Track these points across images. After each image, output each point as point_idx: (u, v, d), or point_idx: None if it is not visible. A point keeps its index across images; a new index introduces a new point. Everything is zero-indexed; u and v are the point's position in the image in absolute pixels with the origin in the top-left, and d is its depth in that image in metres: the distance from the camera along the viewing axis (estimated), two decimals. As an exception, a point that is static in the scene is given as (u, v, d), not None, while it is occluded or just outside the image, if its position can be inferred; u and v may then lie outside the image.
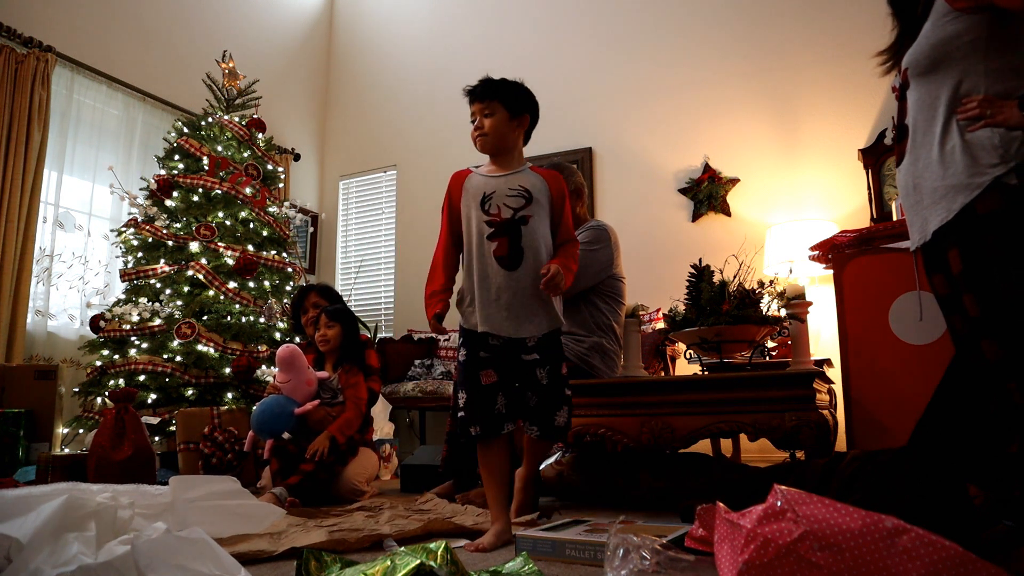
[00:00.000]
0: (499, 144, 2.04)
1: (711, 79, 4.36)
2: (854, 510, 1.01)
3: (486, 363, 1.89)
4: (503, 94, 2.05)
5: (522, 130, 2.08)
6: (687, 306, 2.42)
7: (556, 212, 2.01)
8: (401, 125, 5.43)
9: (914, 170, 1.62)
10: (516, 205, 1.96)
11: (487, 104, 2.05)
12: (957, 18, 1.55)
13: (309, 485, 2.53)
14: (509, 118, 2.04)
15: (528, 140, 2.13)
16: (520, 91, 2.08)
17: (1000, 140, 1.47)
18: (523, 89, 2.09)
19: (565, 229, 2.02)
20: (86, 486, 1.28)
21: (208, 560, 1.02)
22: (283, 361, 2.64)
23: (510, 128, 2.04)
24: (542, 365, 1.91)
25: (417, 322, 4.95)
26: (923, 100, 1.61)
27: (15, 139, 3.49)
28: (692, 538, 1.39)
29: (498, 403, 1.87)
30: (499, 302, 1.89)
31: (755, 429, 2.14)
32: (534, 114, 2.11)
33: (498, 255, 1.91)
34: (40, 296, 3.63)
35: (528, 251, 1.91)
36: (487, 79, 2.08)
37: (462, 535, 1.84)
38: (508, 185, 1.99)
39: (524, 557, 1.28)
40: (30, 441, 3.06)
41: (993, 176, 1.46)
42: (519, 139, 2.08)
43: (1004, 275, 1.45)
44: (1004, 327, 1.46)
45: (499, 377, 1.89)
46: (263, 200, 3.88)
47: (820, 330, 3.63)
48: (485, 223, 1.94)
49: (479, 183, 2.03)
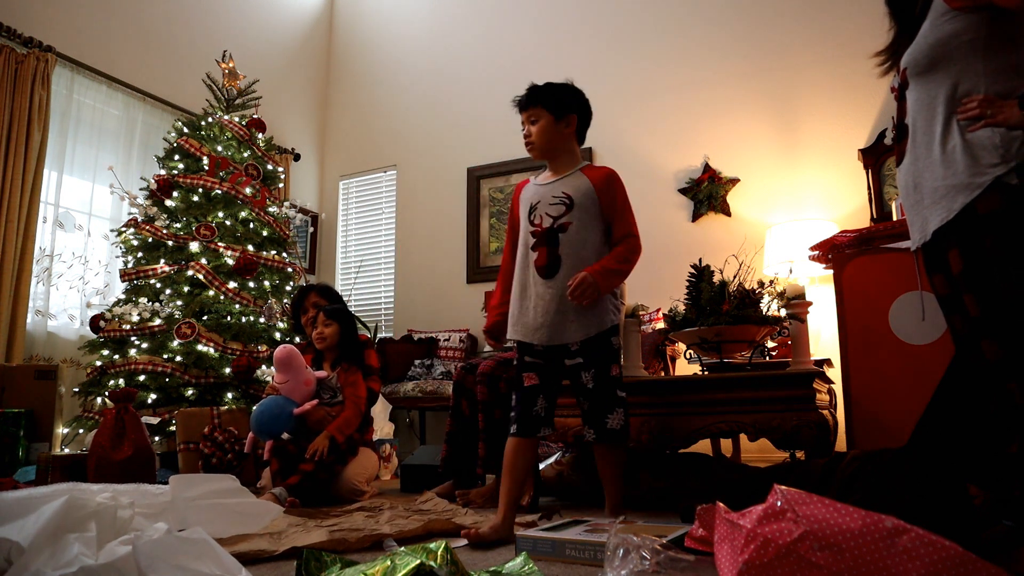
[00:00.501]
0: (548, 149, 2.03)
1: (711, 79, 4.36)
2: (854, 510, 1.01)
3: (529, 367, 1.96)
4: (545, 98, 2.04)
5: (571, 130, 2.05)
6: (687, 306, 2.42)
7: (608, 210, 1.98)
8: (401, 125, 5.43)
9: (914, 170, 1.62)
10: (556, 213, 1.97)
11: (531, 111, 2.05)
12: (955, 17, 1.54)
13: (309, 485, 2.53)
14: (555, 121, 2.02)
15: (583, 139, 2.11)
16: (563, 91, 2.06)
17: (1001, 140, 1.47)
18: (566, 89, 2.07)
19: (619, 225, 1.98)
20: (86, 486, 1.28)
21: (209, 560, 1.02)
22: (280, 362, 2.64)
23: (557, 131, 2.02)
24: (587, 368, 1.93)
25: (417, 322, 4.95)
26: (923, 100, 1.61)
27: (15, 139, 3.49)
28: (692, 538, 1.39)
29: (537, 405, 1.93)
30: (536, 311, 1.94)
31: (755, 429, 2.14)
32: (581, 112, 2.08)
33: (538, 265, 1.95)
34: (40, 296, 3.63)
35: (566, 259, 1.92)
36: (531, 86, 2.07)
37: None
38: (552, 193, 1.99)
39: (524, 557, 1.28)
40: (30, 441, 3.06)
41: (994, 176, 1.45)
42: (569, 140, 2.05)
43: (1004, 275, 1.45)
44: (1004, 327, 1.46)
45: (540, 381, 1.95)
46: (263, 200, 3.88)
47: (820, 330, 3.63)
48: (530, 234, 1.99)
49: (530, 194, 2.06)
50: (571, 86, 2.09)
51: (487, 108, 5.06)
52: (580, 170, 2.02)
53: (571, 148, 2.05)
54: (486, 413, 2.45)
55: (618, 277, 1.93)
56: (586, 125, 2.10)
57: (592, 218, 1.96)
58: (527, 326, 1.95)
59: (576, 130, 2.06)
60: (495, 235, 4.88)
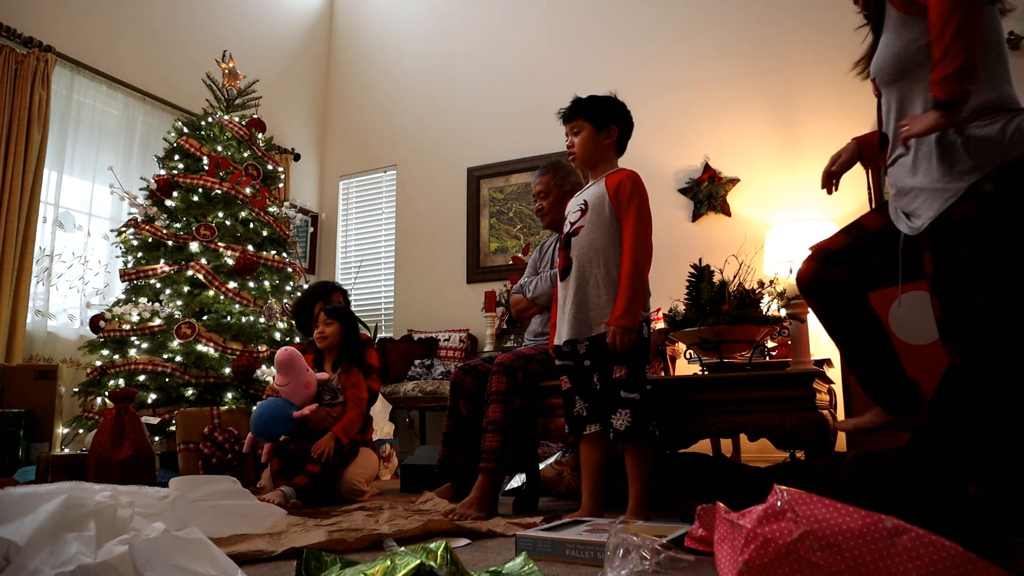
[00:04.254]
0: (589, 159, 2.15)
1: (711, 79, 4.36)
2: (854, 510, 1.01)
3: (562, 369, 2.13)
4: (587, 110, 2.15)
5: (611, 140, 2.15)
6: (687, 306, 2.42)
7: (619, 213, 2.06)
8: (401, 125, 5.43)
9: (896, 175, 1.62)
10: (574, 219, 2.12)
11: (574, 124, 2.17)
12: (909, 23, 1.52)
13: (313, 486, 2.53)
14: (596, 132, 2.13)
15: (624, 149, 2.20)
16: (604, 103, 2.16)
17: (965, 145, 1.44)
18: (608, 101, 2.17)
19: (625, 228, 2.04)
20: (87, 485, 1.28)
21: (205, 560, 1.02)
22: (281, 364, 2.64)
23: (598, 142, 2.13)
24: (594, 371, 2.03)
25: (417, 322, 4.95)
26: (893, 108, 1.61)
27: (15, 139, 3.49)
28: (692, 538, 1.39)
29: (577, 406, 2.08)
30: (560, 312, 2.11)
31: (755, 429, 2.13)
32: (621, 123, 2.17)
33: (559, 268, 2.14)
34: (40, 296, 3.63)
35: (575, 260, 2.07)
36: (575, 99, 2.18)
37: (462, 535, 1.84)
38: (577, 201, 2.14)
39: (524, 557, 1.28)
40: (30, 441, 3.06)
41: (969, 183, 1.42)
42: (609, 150, 2.16)
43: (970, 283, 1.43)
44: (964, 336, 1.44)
45: (572, 384, 2.10)
46: (263, 200, 3.88)
47: (820, 330, 3.62)
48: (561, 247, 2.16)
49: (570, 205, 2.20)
50: (614, 99, 2.18)
51: (487, 108, 5.06)
52: (605, 176, 2.12)
53: (607, 158, 2.16)
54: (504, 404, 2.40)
55: (634, 299, 1.99)
56: (627, 136, 2.20)
57: (602, 220, 2.06)
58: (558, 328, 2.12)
59: (617, 140, 2.17)
60: (495, 235, 4.88)
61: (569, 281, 2.07)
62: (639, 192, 2.06)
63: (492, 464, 2.27)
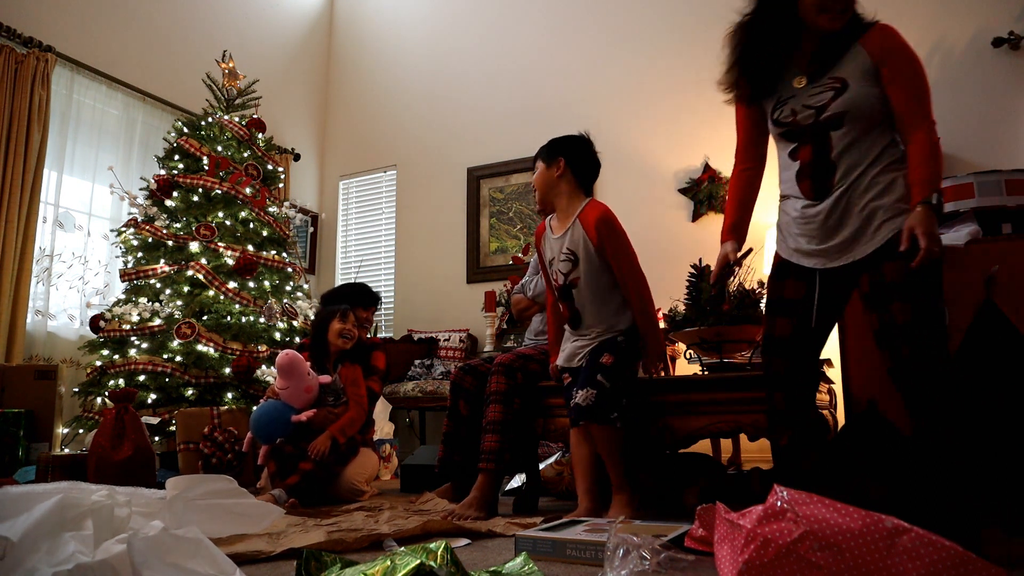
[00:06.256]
0: (546, 197, 2.21)
1: (711, 79, 4.32)
2: (854, 510, 1.01)
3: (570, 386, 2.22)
4: (541, 151, 2.23)
5: (560, 173, 2.18)
6: (687, 306, 2.42)
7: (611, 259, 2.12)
8: (401, 125, 5.43)
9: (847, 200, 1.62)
10: (565, 271, 2.17)
11: (534, 166, 2.26)
12: (873, 80, 1.62)
13: (307, 485, 2.52)
14: (546, 168, 2.19)
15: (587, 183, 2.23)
16: (557, 140, 2.23)
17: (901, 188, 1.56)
18: (563, 138, 2.24)
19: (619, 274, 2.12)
20: (85, 485, 1.28)
21: (203, 559, 1.01)
22: (282, 368, 2.64)
23: (548, 176, 2.18)
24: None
25: (417, 322, 4.95)
26: (842, 146, 1.64)
27: (15, 139, 3.49)
28: (692, 538, 1.39)
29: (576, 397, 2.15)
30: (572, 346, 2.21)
31: (755, 429, 2.13)
32: (570, 155, 2.19)
33: (566, 317, 2.22)
34: (40, 296, 3.63)
35: (584, 310, 2.16)
36: None
37: (462, 535, 1.84)
38: (561, 249, 2.18)
39: (524, 557, 1.28)
40: (30, 441, 3.06)
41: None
42: (561, 183, 2.19)
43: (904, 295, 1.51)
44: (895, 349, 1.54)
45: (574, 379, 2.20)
46: (263, 200, 3.88)
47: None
48: (552, 288, 2.24)
49: (546, 247, 2.26)
50: (570, 136, 2.24)
51: (487, 108, 5.06)
52: (577, 218, 2.14)
53: (568, 192, 2.19)
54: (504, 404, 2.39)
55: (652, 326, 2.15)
56: (586, 170, 2.22)
57: (597, 267, 2.13)
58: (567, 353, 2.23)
59: (574, 174, 2.19)
60: (495, 235, 4.88)
61: (583, 329, 2.18)
62: (615, 231, 2.13)
63: (492, 464, 2.27)
